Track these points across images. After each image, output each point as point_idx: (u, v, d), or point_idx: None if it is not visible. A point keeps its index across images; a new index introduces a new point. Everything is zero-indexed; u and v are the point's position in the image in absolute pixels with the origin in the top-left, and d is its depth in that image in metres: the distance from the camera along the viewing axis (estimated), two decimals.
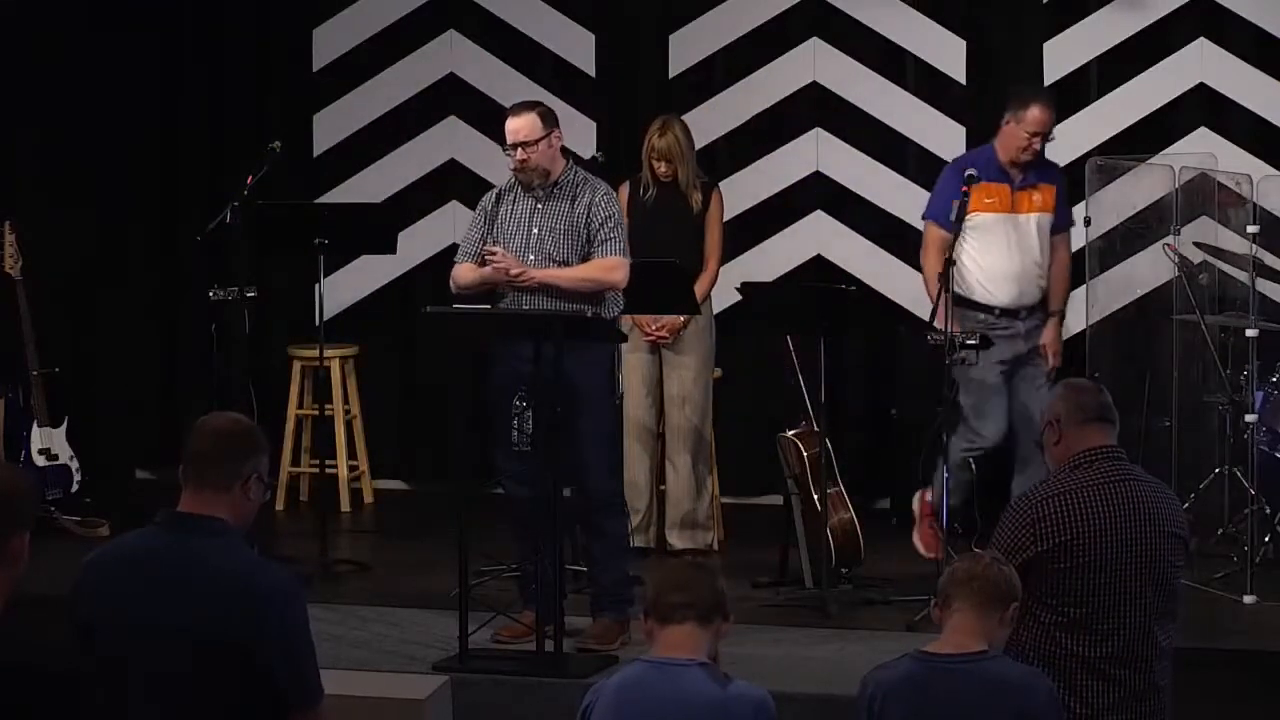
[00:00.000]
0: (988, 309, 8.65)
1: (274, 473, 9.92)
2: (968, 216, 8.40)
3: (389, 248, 9.17)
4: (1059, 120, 9.81)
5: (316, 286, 8.83)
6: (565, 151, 7.74)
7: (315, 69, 10.57)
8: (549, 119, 7.62)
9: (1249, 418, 8.33)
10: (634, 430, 9.02)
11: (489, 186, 10.14)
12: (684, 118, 9.66)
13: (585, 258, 7.56)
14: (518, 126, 7.59)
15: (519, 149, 7.57)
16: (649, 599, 4.91)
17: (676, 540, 9.09)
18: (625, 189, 8.97)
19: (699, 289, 8.93)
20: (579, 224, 7.56)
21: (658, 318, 8.95)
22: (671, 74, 10.23)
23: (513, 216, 7.65)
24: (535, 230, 7.60)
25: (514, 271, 7.48)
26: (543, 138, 7.57)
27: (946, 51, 9.95)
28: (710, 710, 4.76)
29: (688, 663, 4.81)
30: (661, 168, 8.99)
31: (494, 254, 7.49)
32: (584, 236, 7.55)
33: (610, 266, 7.56)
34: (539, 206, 7.62)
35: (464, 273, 7.67)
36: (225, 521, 4.48)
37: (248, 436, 4.57)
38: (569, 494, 7.59)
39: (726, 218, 9.85)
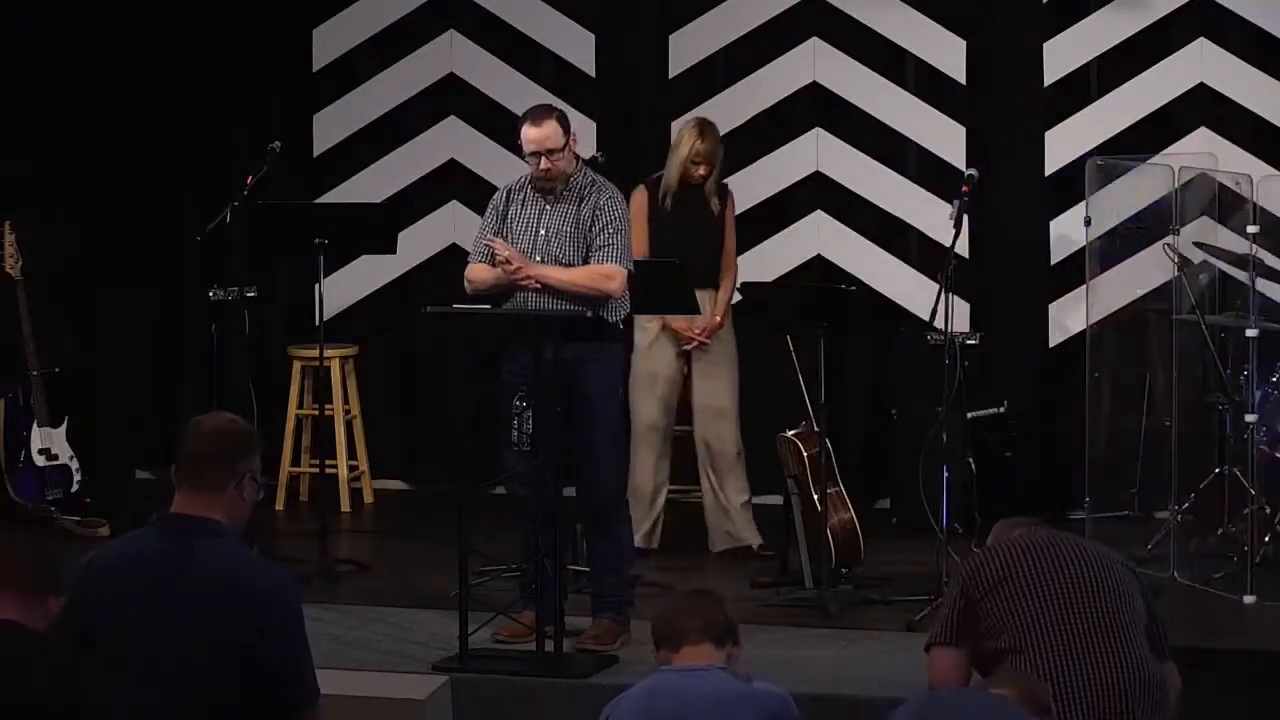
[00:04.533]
0: None
1: (274, 473, 9.92)
2: None
3: (389, 248, 9.16)
4: (1059, 121, 9.84)
5: (316, 286, 8.82)
6: (574, 153, 7.69)
7: (315, 69, 10.55)
8: (566, 123, 7.52)
9: (1249, 418, 8.31)
10: (642, 433, 8.93)
11: (489, 186, 10.18)
12: (684, 118, 9.66)
13: (587, 262, 7.52)
14: (542, 136, 7.47)
15: (542, 158, 7.49)
16: (660, 631, 4.98)
17: (720, 544, 9.04)
18: (643, 194, 8.88)
19: (723, 295, 8.91)
20: (584, 227, 7.49)
21: (694, 322, 8.85)
22: (671, 74, 10.22)
23: (522, 217, 7.59)
24: (543, 232, 7.54)
25: (512, 266, 7.45)
26: (566, 144, 7.49)
27: (946, 51, 9.93)
28: (739, 699, 4.84)
29: (708, 667, 4.90)
30: (701, 170, 8.86)
31: (497, 246, 7.46)
32: (587, 240, 7.51)
33: (606, 275, 7.47)
34: (547, 208, 7.56)
35: (478, 272, 7.61)
36: (220, 522, 4.48)
37: (242, 436, 4.57)
38: (570, 494, 7.59)
39: None
